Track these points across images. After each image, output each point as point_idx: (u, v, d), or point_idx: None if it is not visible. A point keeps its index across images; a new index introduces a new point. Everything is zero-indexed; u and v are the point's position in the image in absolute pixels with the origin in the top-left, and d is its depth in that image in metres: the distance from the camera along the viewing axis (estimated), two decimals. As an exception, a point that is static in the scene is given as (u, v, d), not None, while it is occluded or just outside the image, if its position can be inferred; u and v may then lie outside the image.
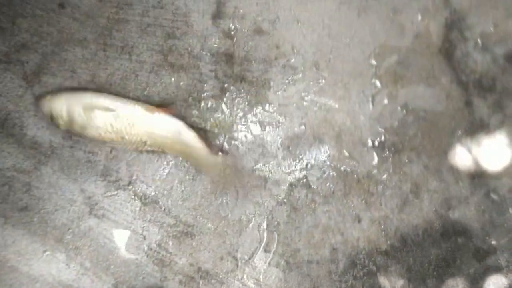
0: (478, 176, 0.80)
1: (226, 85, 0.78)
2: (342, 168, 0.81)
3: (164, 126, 0.73)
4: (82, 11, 0.75)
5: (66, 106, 0.70)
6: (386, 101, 0.80)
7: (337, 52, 0.79)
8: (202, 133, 0.76)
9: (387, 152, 0.81)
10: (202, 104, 0.78)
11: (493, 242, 0.80)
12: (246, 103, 0.78)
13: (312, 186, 0.81)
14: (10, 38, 0.74)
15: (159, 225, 0.79)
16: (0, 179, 0.77)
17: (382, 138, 0.81)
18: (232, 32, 0.77)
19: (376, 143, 0.81)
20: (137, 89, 0.77)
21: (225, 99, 0.78)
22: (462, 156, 0.81)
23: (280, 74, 0.79)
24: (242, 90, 0.79)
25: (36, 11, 0.74)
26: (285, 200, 0.81)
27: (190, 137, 0.74)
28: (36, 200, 0.77)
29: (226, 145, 0.78)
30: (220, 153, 0.78)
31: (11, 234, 0.78)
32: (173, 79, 0.77)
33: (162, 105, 0.75)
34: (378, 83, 0.80)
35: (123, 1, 0.75)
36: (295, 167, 0.80)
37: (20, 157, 0.76)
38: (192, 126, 0.76)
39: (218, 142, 0.78)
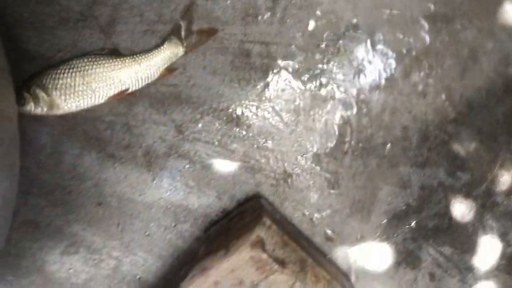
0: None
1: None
2: (399, 49, 0.86)
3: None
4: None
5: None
6: (429, -26, 0.83)
7: None
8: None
9: (440, 24, 0.85)
10: (259, 18, 0.85)
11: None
12: (299, 6, 0.84)
13: (373, 72, 0.87)
14: (81, -3, 0.83)
15: (242, 138, 0.88)
16: (101, 124, 0.88)
17: (432, 10, 0.85)
18: None
19: (428, 18, 0.85)
20: (198, 19, 0.85)
21: (278, 10, 0.85)
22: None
23: (324, -27, 0.84)
24: (292, -3, 0.84)
25: (97, -33, 0.82)
26: (351, 93, 0.87)
27: None
28: (136, 137, 0.88)
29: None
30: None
31: (122, 170, 0.90)
32: (229, 2, 0.84)
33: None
34: (419, -41, 0.83)
35: None
36: (355, 59, 0.86)
37: (115, 101, 0.87)
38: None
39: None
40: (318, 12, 0.85)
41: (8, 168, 0.66)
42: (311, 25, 0.85)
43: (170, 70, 0.83)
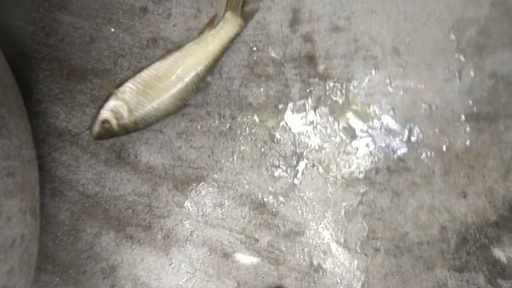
0: None
1: (312, 87, 0.82)
2: (438, 146, 0.82)
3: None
4: (174, 42, 0.82)
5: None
6: (473, 73, 0.80)
7: (416, 34, 0.80)
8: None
9: (482, 123, 0.81)
10: (291, 106, 0.82)
11: None
12: (333, 99, 0.82)
13: (411, 168, 0.82)
14: (115, 77, 0.83)
15: (268, 226, 0.84)
16: (123, 204, 0.85)
17: (475, 110, 0.81)
18: (310, 35, 0.81)
19: (470, 116, 0.81)
20: (230, 104, 0.83)
21: (311, 100, 0.82)
22: None
23: (362, 66, 0.82)
24: (328, 88, 0.82)
25: (133, 50, 0.82)
26: (385, 187, 0.83)
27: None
28: (157, 218, 0.85)
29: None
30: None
31: (139, 253, 0.86)
32: (262, 89, 0.82)
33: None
34: (462, 57, 0.80)
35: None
36: (391, 153, 0.82)
37: (138, 182, 0.84)
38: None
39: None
40: (354, 107, 0.82)
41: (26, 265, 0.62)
42: (345, 119, 0.82)
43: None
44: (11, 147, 0.57)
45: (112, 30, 0.81)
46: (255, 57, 0.82)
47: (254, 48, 0.82)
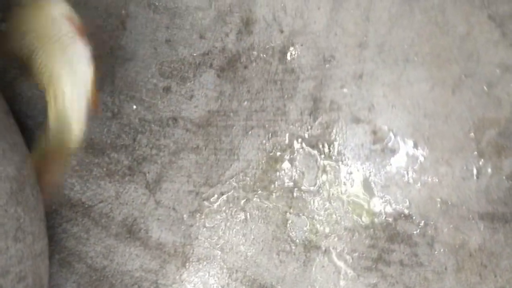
0: None
1: (327, 172, 0.82)
2: (452, 243, 0.81)
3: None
4: (194, 123, 0.82)
5: None
6: (491, 173, 0.80)
7: (435, 130, 0.81)
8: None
9: (497, 223, 0.81)
10: (305, 190, 0.82)
11: None
12: (348, 186, 0.82)
13: (424, 263, 0.81)
14: (132, 153, 0.83)
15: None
16: (130, 279, 0.84)
17: (490, 209, 0.80)
18: (330, 124, 0.82)
19: (485, 216, 0.81)
20: (245, 186, 0.83)
21: (326, 185, 0.82)
22: None
23: (380, 157, 0.82)
24: (343, 175, 0.82)
25: (153, 127, 0.82)
26: (397, 280, 0.82)
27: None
28: (163, 296, 0.84)
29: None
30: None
31: (143, 328, 0.84)
32: (278, 173, 0.82)
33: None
34: (480, 157, 0.80)
35: (229, 109, 0.82)
36: (403, 246, 0.82)
37: (147, 258, 0.83)
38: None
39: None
40: (369, 197, 0.82)
41: None
42: (359, 208, 0.82)
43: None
44: (24, 248, 0.57)
45: (134, 107, 0.81)
46: (273, 142, 0.82)
47: (271, 134, 0.82)
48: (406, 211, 0.82)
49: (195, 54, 0.81)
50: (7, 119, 0.65)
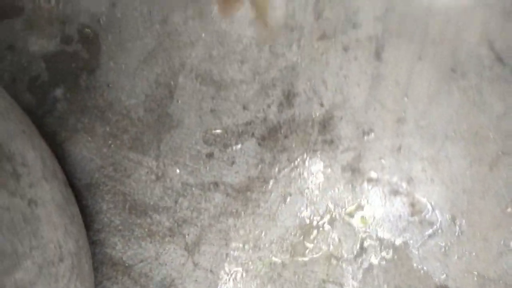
0: None
1: (365, 242, 0.83)
2: (490, 320, 0.81)
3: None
4: (234, 188, 0.85)
5: None
6: (529, 250, 0.80)
7: (473, 206, 0.82)
8: None
9: (537, 302, 0.80)
10: (342, 251, 0.83)
11: None
12: (386, 257, 0.82)
13: None
14: (174, 215, 0.85)
15: None
16: None
17: (530, 287, 0.80)
18: (368, 194, 0.83)
19: (524, 293, 0.80)
20: (283, 251, 0.84)
21: (364, 257, 0.83)
22: None
23: (417, 229, 0.82)
24: (381, 247, 0.83)
25: (194, 191, 0.85)
26: None
27: None
28: None
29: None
30: None
31: None
32: (315, 242, 0.84)
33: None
34: (518, 233, 0.80)
35: (268, 176, 0.84)
36: (440, 320, 0.81)
37: (181, 319, 0.84)
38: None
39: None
40: (407, 269, 0.82)
41: None
42: (398, 280, 0.82)
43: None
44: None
45: (178, 171, 0.85)
46: (310, 210, 0.84)
47: (307, 203, 0.84)
48: (444, 284, 0.82)
49: (238, 124, 0.85)
50: (66, 190, 0.69)
